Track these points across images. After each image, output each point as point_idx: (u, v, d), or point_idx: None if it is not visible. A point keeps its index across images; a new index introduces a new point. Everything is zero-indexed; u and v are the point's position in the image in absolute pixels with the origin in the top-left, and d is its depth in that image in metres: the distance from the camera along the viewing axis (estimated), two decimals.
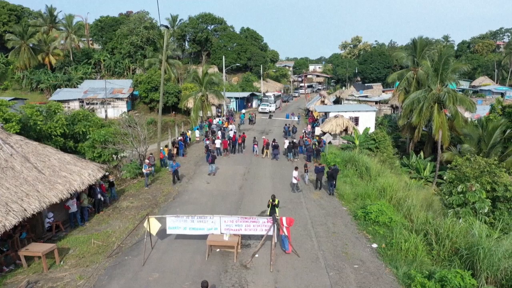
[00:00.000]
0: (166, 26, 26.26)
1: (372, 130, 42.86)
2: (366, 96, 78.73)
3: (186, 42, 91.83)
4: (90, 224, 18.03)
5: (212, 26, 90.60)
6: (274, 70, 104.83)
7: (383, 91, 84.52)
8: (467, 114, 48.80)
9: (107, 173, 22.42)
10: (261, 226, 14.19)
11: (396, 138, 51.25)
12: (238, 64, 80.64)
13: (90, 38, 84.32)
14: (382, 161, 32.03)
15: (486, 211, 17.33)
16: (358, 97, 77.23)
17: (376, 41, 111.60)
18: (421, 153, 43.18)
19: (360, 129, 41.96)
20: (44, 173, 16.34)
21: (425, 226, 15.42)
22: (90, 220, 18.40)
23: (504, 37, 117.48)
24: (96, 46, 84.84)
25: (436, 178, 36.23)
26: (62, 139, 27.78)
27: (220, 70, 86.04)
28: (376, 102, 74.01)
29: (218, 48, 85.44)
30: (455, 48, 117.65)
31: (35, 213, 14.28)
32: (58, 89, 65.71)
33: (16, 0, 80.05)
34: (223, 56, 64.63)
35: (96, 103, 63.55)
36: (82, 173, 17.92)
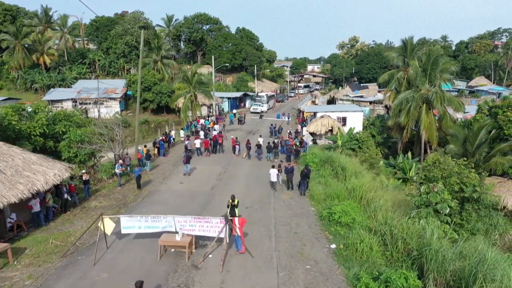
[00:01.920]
0: (144, 27, 26.34)
1: (359, 130, 42.78)
2: (362, 96, 78.57)
3: (182, 42, 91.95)
4: (54, 224, 18.09)
5: (208, 26, 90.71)
6: (270, 70, 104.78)
7: (379, 91, 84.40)
8: (459, 115, 48.72)
9: (83, 171, 22.62)
10: (214, 226, 14.20)
11: (387, 138, 51.10)
12: (227, 64, 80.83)
13: (86, 38, 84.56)
14: (363, 161, 31.94)
15: (447, 212, 17.24)
16: (353, 97, 77.08)
17: (373, 41, 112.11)
18: (409, 154, 43.06)
19: (348, 129, 41.94)
20: (6, 173, 16.41)
21: (383, 227, 15.37)
22: (55, 220, 18.47)
23: (502, 37, 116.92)
24: (91, 46, 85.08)
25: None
26: (41, 139, 27.81)
27: (216, 70, 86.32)
28: (370, 102, 74.02)
29: (213, 48, 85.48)
30: (453, 48, 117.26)
31: None
32: (51, 89, 66.00)
33: (13, 0, 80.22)
34: (212, 56, 64.70)
35: (89, 103, 63.74)
36: (47, 173, 17.99)
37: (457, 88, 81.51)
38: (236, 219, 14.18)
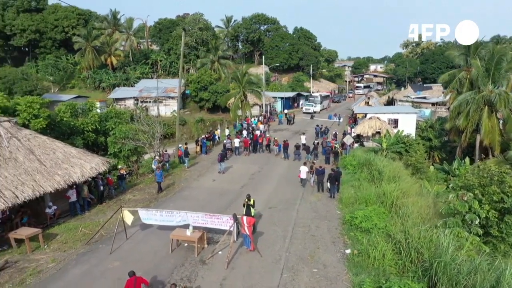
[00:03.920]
0: (183, 29, 27.34)
1: (411, 133, 40.84)
2: (425, 98, 74.77)
3: (240, 43, 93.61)
4: (89, 213, 19.51)
5: (265, 27, 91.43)
6: (328, 70, 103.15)
7: (443, 92, 79.88)
8: None
9: (119, 167, 24.08)
10: (224, 222, 14.58)
11: (446, 142, 48.37)
12: (277, 64, 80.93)
13: (149, 40, 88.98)
14: (408, 165, 30.52)
15: (477, 222, 16.03)
16: (413, 98, 73.64)
17: (441, 39, 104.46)
18: (467, 159, 40.35)
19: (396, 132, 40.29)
20: (46, 165, 17.99)
21: (399, 234, 14.68)
22: (91, 210, 19.90)
23: None
24: (155, 47, 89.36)
25: None
26: (93, 134, 30.05)
27: (271, 70, 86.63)
28: (433, 104, 70.36)
29: (270, 48, 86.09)
30: None
31: (26, 200, 15.85)
32: (116, 88, 70.45)
33: (85, 5, 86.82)
34: (263, 57, 65.13)
35: (150, 102, 67.09)
36: (84, 166, 19.40)
37: None
38: (244, 217, 14.37)
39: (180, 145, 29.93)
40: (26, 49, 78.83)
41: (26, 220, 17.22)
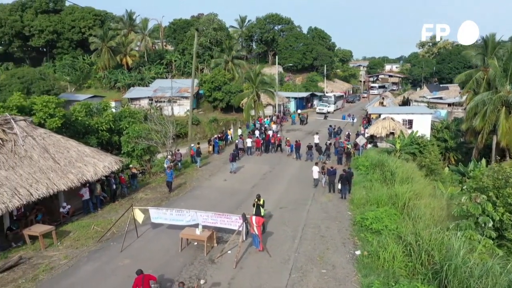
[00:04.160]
0: (196, 29, 27.53)
1: (426, 133, 40.31)
2: (441, 98, 73.71)
3: (254, 43, 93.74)
4: (102, 211, 19.82)
5: (279, 27, 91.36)
6: (342, 70, 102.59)
7: (460, 93, 78.69)
8: None
9: (130, 166, 24.35)
10: (234, 222, 14.65)
11: (462, 143, 47.62)
12: (291, 64, 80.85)
13: (164, 40, 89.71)
14: (422, 167, 30.13)
15: (491, 225, 15.75)
16: (429, 98, 72.65)
17: None
18: (483, 161, 39.66)
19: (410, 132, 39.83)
20: (60, 163, 18.33)
21: (410, 236, 14.51)
22: (103, 208, 20.21)
23: None
24: (169, 47, 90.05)
25: None
26: (107, 134, 30.46)
27: (285, 70, 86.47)
28: (449, 104, 69.32)
29: (284, 48, 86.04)
30: None
31: (40, 198, 16.17)
32: (131, 88, 71.24)
33: (101, 6, 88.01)
34: (276, 57, 65.02)
35: (164, 101, 67.65)
36: (97, 165, 19.70)
37: None
38: (253, 217, 14.42)
39: (192, 145, 30.15)
40: (44, 49, 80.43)
41: (40, 217, 17.56)
